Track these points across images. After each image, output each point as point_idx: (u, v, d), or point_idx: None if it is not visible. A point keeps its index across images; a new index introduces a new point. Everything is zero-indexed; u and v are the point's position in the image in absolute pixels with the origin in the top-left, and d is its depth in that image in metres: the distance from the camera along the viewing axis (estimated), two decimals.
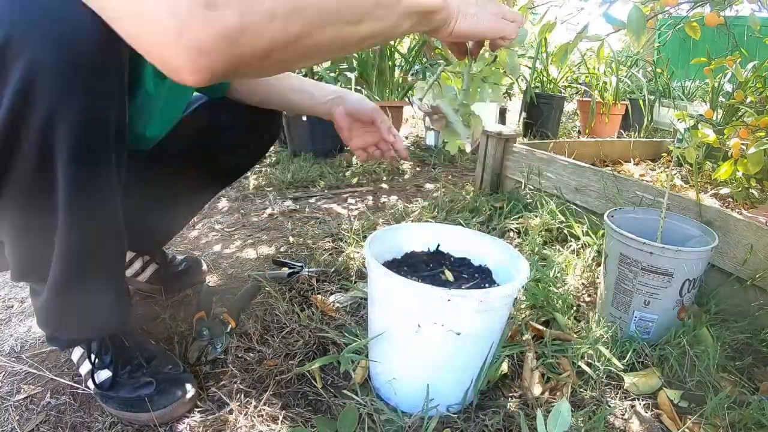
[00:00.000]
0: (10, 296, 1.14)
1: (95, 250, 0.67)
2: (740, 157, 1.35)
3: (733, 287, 1.04)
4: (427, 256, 0.89)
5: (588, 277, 1.20)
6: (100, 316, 0.76)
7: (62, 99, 0.52)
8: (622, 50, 4.39)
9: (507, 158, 1.78)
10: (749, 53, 2.23)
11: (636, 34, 1.02)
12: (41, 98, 0.51)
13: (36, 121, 0.52)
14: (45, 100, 0.51)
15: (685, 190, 1.89)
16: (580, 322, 1.02)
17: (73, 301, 0.71)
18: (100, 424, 0.75)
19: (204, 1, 0.41)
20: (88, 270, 0.68)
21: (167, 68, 0.44)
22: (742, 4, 1.44)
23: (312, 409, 0.79)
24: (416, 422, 0.74)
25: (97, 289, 0.72)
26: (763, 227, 0.99)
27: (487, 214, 1.58)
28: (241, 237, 1.50)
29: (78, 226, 0.62)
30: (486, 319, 0.69)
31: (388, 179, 2.23)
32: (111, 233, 0.68)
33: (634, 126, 3.25)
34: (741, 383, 0.86)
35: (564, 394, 0.82)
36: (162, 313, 1.05)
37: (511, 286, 0.69)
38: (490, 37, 0.69)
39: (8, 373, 0.87)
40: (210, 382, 0.84)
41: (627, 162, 2.22)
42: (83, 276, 0.68)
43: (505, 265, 0.83)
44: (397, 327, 0.73)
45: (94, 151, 0.58)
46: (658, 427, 0.78)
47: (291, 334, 0.96)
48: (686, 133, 1.05)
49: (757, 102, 1.83)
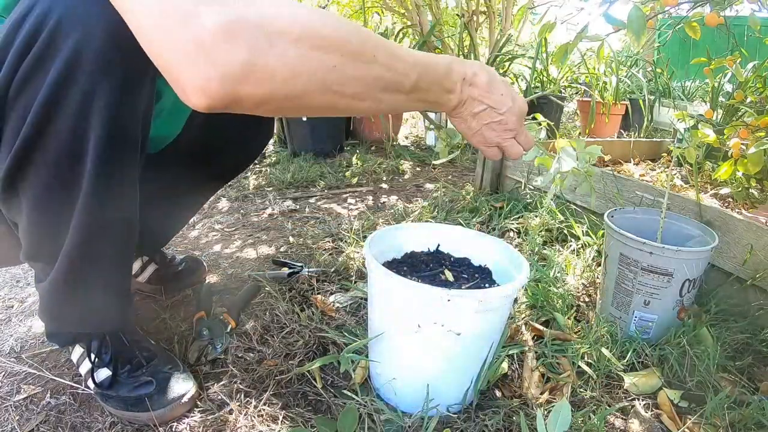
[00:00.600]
0: (10, 296, 1.14)
1: (107, 241, 0.68)
2: (740, 157, 1.35)
3: (733, 287, 1.04)
4: (427, 256, 0.89)
5: (588, 277, 1.20)
6: (100, 310, 0.76)
7: (101, 77, 0.55)
8: (622, 50, 4.40)
9: (506, 160, 1.78)
10: (749, 53, 2.23)
11: (636, 34, 1.01)
12: (83, 73, 0.54)
13: (73, 103, 0.56)
14: (86, 75, 0.55)
15: (685, 190, 1.89)
16: (580, 322, 1.02)
17: (77, 289, 0.71)
18: (100, 424, 0.75)
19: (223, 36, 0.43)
20: (96, 260, 0.69)
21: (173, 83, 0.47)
22: (742, 4, 1.44)
23: (312, 409, 0.79)
24: (416, 422, 0.74)
25: (102, 281, 0.72)
26: (763, 227, 0.99)
27: (487, 214, 1.58)
28: (241, 237, 1.50)
29: (96, 214, 0.63)
30: (486, 319, 0.69)
31: (388, 179, 2.22)
32: (125, 227, 0.69)
33: (634, 126, 3.25)
34: (741, 383, 0.86)
35: (564, 394, 0.82)
36: (162, 313, 1.05)
37: (511, 286, 0.69)
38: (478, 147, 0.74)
39: (8, 373, 0.87)
40: (210, 382, 0.84)
41: (627, 162, 2.22)
42: (91, 265, 0.69)
43: (505, 265, 0.83)
44: (397, 327, 0.73)
45: (122, 142, 0.61)
46: (658, 427, 0.78)
47: (291, 334, 0.96)
48: (686, 133, 1.05)
49: (757, 102, 1.83)
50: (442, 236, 0.91)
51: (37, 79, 0.55)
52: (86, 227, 0.64)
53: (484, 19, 3.86)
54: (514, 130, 0.72)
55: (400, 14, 4.03)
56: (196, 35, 0.43)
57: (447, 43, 3.91)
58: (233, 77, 0.45)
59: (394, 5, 3.99)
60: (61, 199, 0.62)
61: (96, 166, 0.59)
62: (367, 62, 0.53)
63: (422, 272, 0.83)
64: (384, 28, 3.65)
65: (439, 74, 0.63)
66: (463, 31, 3.41)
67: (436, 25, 3.53)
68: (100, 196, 0.62)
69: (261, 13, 0.45)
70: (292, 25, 0.47)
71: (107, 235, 0.67)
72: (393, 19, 4.48)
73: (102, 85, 0.56)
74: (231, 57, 0.44)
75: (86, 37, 0.54)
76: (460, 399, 0.76)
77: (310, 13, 0.49)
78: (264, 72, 0.46)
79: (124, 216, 0.68)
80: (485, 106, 0.69)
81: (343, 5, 5.12)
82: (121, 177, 0.64)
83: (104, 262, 0.70)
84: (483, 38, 4.00)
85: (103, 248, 0.68)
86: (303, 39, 0.47)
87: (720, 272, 1.07)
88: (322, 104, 0.53)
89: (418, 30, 3.63)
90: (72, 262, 0.67)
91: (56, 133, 0.57)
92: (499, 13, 3.75)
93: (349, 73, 0.52)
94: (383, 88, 0.56)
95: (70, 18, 0.53)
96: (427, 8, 3.73)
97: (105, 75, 0.56)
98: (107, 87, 0.56)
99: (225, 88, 0.45)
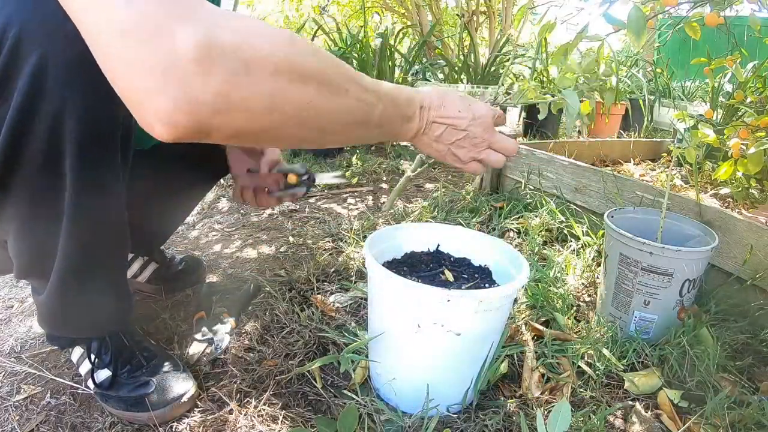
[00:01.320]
0: (10, 296, 1.14)
1: (99, 248, 0.67)
2: (740, 157, 1.35)
3: (733, 287, 1.04)
4: (427, 256, 0.89)
5: (588, 277, 1.20)
6: (100, 315, 0.76)
7: (71, 92, 0.53)
8: (622, 50, 4.40)
9: (507, 158, 1.78)
10: (749, 53, 2.23)
11: (636, 34, 1.01)
12: (51, 91, 0.52)
13: (46, 113, 0.53)
14: (54, 93, 0.52)
15: (685, 190, 1.89)
16: (580, 322, 1.02)
17: (75, 299, 0.71)
18: (100, 424, 0.75)
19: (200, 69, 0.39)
20: (91, 268, 0.68)
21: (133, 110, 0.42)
22: (742, 4, 1.44)
23: (312, 409, 0.79)
24: (416, 422, 0.74)
25: (99, 287, 0.72)
26: (763, 227, 0.99)
27: (487, 214, 1.58)
28: (241, 237, 1.50)
29: (83, 223, 0.62)
30: (486, 319, 0.69)
31: (388, 179, 2.22)
32: (115, 231, 0.68)
33: (634, 126, 3.25)
34: (741, 383, 0.86)
35: (564, 394, 0.82)
36: (162, 313, 1.05)
37: (511, 286, 0.69)
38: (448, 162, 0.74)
39: (8, 373, 0.87)
40: (210, 382, 0.84)
41: (627, 162, 2.22)
42: (86, 274, 0.68)
43: (505, 265, 0.83)
44: (396, 327, 0.73)
45: (101, 146, 0.58)
46: (658, 427, 0.78)
47: (291, 334, 0.96)
48: (686, 133, 1.05)
49: (757, 102, 1.83)
50: (442, 236, 0.91)
51: (3, 98, 0.52)
52: (75, 238, 0.63)
53: (484, 19, 3.86)
54: (485, 141, 0.71)
55: (400, 14, 4.03)
56: (166, 57, 0.38)
57: (447, 43, 3.91)
58: (205, 108, 0.40)
59: (394, 5, 3.99)
60: (46, 214, 0.61)
61: (76, 176, 0.58)
62: (341, 95, 0.51)
63: (422, 272, 0.83)
64: (384, 28, 3.65)
65: (401, 104, 0.63)
66: (463, 31, 3.41)
67: (436, 25, 3.53)
68: (85, 205, 0.61)
69: (238, 35, 0.41)
70: (272, 53, 0.43)
71: (98, 241, 0.66)
72: (393, 19, 4.48)
73: (70, 101, 0.53)
74: (204, 86, 0.39)
75: (51, 47, 0.51)
76: (460, 399, 0.76)
77: (287, 39, 0.46)
78: (239, 104, 0.42)
79: (112, 222, 0.67)
80: (445, 127, 0.68)
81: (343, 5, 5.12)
82: (103, 183, 0.62)
83: (98, 269, 0.70)
84: (483, 38, 4.00)
85: (95, 255, 0.68)
86: (282, 70, 0.44)
87: (720, 272, 1.07)
88: (294, 138, 0.51)
89: (418, 30, 3.63)
90: (66, 276, 0.66)
91: (31, 151, 0.55)
92: (499, 13, 3.75)
93: (324, 107, 0.50)
94: (354, 122, 0.55)
95: (32, 29, 0.50)
96: (427, 8, 3.73)
97: (72, 90, 0.53)
98: (76, 103, 0.54)
99: (195, 120, 0.40)
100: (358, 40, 2.82)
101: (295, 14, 5.64)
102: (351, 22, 4.76)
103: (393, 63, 2.91)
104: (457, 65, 3.15)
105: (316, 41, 3.20)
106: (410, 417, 0.75)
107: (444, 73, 3.22)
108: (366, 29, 2.88)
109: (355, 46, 2.81)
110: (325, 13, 4.79)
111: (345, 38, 2.96)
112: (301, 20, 4.95)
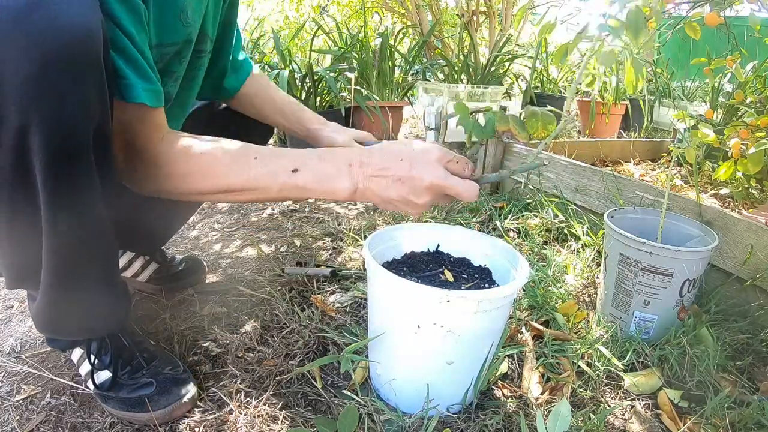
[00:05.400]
0: (10, 296, 1.14)
1: (83, 252, 0.65)
2: (740, 157, 1.35)
3: (733, 287, 1.04)
4: (426, 256, 0.89)
5: (588, 277, 1.20)
6: (96, 317, 0.76)
7: (33, 105, 0.50)
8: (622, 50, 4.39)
9: (507, 158, 1.78)
10: (749, 53, 2.23)
11: (634, 33, 1.01)
12: (11, 104, 0.49)
13: (8, 129, 0.51)
14: (15, 106, 0.49)
15: (685, 190, 1.89)
16: (580, 322, 1.02)
17: (68, 304, 0.70)
18: (100, 425, 0.75)
19: None
20: (78, 272, 0.67)
21: None
22: (742, 4, 1.44)
23: (312, 409, 0.79)
24: (416, 422, 0.74)
25: (91, 290, 0.71)
26: (763, 227, 0.99)
27: (487, 214, 1.58)
28: (241, 237, 1.50)
29: (61, 230, 0.60)
30: (486, 319, 0.69)
31: None
32: (97, 234, 0.66)
33: (634, 126, 3.25)
34: (741, 383, 0.86)
35: (564, 394, 0.82)
36: (162, 313, 1.05)
37: (511, 286, 0.69)
38: None
39: (8, 373, 0.87)
40: (210, 382, 0.84)
41: (627, 162, 2.22)
42: (74, 279, 0.67)
43: (505, 265, 0.83)
44: (396, 327, 0.73)
45: (71, 155, 0.56)
46: (658, 427, 0.78)
47: (291, 334, 0.96)
48: (686, 133, 1.05)
49: (757, 102, 1.83)
50: (442, 236, 0.91)
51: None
52: (54, 252, 0.62)
53: (484, 19, 3.86)
54: (439, 181, 0.65)
55: (400, 14, 4.03)
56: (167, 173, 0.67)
57: (447, 43, 3.91)
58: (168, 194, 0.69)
59: (394, 5, 3.99)
60: (25, 230, 0.60)
61: (48, 191, 0.56)
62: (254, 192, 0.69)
63: (422, 272, 0.83)
64: (384, 28, 3.65)
65: (318, 166, 0.67)
66: (463, 31, 3.41)
67: (436, 25, 3.53)
68: (60, 219, 0.59)
69: None
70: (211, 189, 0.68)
71: (80, 252, 0.65)
72: (393, 19, 4.48)
73: (34, 114, 0.51)
74: None
75: (5, 62, 0.47)
76: (460, 399, 0.76)
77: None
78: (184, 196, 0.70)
79: (92, 225, 0.64)
80: (388, 180, 0.65)
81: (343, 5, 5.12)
82: (77, 195, 0.59)
83: (84, 277, 0.68)
84: (483, 38, 4.00)
85: (79, 265, 0.66)
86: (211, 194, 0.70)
87: (720, 272, 1.07)
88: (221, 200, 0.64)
89: (418, 30, 3.63)
90: (54, 282, 0.65)
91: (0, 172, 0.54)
92: (499, 13, 3.75)
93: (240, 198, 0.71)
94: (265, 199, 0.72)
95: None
96: (427, 8, 3.73)
97: (35, 102, 0.50)
98: (40, 116, 0.51)
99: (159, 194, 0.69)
100: (358, 40, 2.82)
101: (295, 14, 5.63)
102: (351, 22, 4.76)
103: (393, 63, 2.91)
104: (457, 65, 3.15)
105: (316, 41, 3.20)
106: (410, 417, 0.75)
107: (444, 73, 3.22)
108: (366, 29, 2.88)
109: (355, 46, 2.81)
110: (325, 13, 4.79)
111: (345, 38, 2.96)
112: (301, 20, 4.95)
